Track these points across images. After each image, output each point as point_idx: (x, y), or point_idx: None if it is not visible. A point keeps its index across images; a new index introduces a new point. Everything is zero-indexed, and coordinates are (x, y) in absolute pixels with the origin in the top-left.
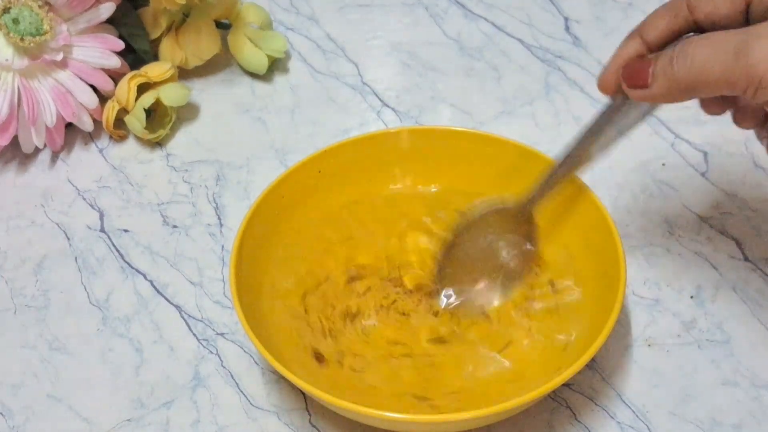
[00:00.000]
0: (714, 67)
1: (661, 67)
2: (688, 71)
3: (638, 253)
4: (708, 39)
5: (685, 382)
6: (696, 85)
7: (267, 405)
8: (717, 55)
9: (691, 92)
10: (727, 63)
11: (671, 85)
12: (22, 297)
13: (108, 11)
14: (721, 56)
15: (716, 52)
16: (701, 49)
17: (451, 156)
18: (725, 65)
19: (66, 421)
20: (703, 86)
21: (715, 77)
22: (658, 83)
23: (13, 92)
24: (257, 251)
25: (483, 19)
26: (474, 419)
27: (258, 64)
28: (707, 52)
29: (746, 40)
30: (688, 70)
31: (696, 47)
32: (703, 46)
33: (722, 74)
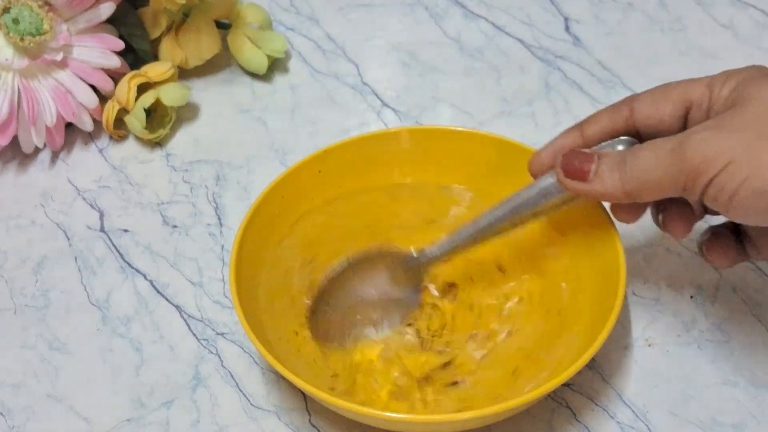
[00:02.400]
0: (655, 168)
1: (605, 166)
2: (632, 175)
3: (638, 253)
4: (649, 144)
5: (685, 382)
6: (640, 188)
7: (267, 405)
8: (657, 156)
9: (634, 196)
10: (666, 161)
11: (615, 186)
12: (22, 297)
13: (108, 11)
14: (661, 157)
15: (656, 154)
16: (645, 153)
17: (451, 156)
18: (665, 164)
19: (66, 421)
20: (646, 189)
21: (657, 177)
22: (600, 180)
23: (13, 92)
24: (257, 251)
25: (483, 19)
26: (474, 419)
27: (258, 64)
28: (648, 155)
29: (681, 139)
30: (632, 175)
31: (640, 151)
32: (646, 151)
33: (663, 173)
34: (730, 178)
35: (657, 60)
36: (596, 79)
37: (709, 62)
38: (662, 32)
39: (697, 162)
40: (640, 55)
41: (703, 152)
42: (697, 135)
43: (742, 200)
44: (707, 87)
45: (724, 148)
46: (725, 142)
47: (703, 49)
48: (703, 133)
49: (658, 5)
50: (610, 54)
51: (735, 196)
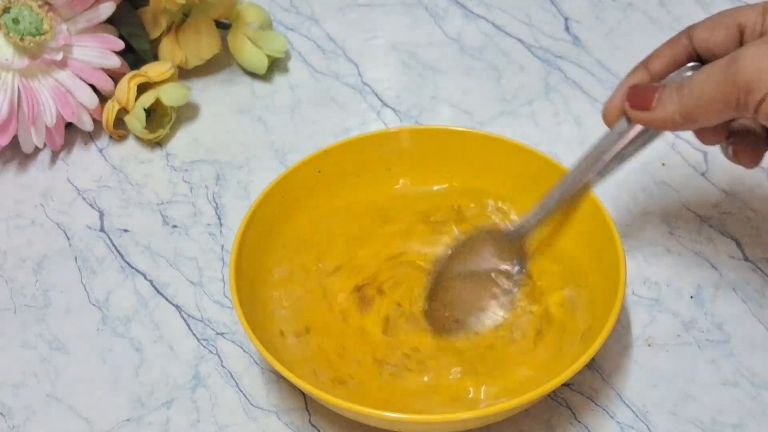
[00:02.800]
0: (709, 85)
1: (666, 93)
2: (689, 97)
3: (638, 253)
4: (705, 66)
5: (685, 382)
6: (696, 109)
7: (267, 405)
8: (710, 74)
9: (691, 120)
10: (719, 78)
11: (674, 110)
12: (22, 297)
13: (108, 11)
14: (714, 74)
15: (710, 72)
16: (699, 75)
17: (451, 156)
18: (717, 81)
19: (66, 421)
20: (701, 110)
21: (711, 96)
22: (662, 107)
23: (13, 92)
24: (257, 251)
25: (483, 19)
26: (474, 419)
27: (258, 63)
28: (704, 76)
29: (733, 55)
30: (689, 96)
31: (697, 74)
32: (700, 72)
33: (717, 91)
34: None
35: None
36: (596, 79)
37: None
38: (662, 32)
39: (750, 76)
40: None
41: (756, 66)
42: (750, 49)
43: None
44: (761, 10)
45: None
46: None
47: None
48: (756, 48)
49: (658, 5)
50: (610, 54)
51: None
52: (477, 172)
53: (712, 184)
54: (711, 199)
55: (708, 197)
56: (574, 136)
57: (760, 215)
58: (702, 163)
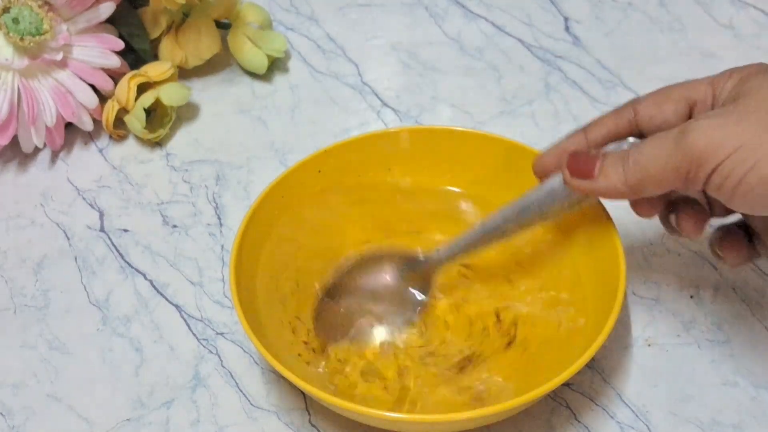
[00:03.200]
0: (659, 158)
1: (610, 162)
2: (636, 168)
3: (638, 253)
4: (654, 136)
5: (685, 382)
6: (643, 181)
7: (267, 405)
8: (661, 147)
9: (638, 190)
10: (669, 149)
11: (618, 181)
12: (22, 297)
13: (108, 11)
14: (665, 146)
15: (661, 144)
16: (648, 145)
17: (451, 156)
18: (668, 153)
19: (66, 421)
20: (649, 181)
21: (660, 168)
22: (605, 177)
23: (13, 92)
24: (257, 251)
25: (483, 19)
26: (474, 419)
27: (258, 63)
28: (653, 146)
29: (685, 127)
30: (636, 167)
31: (643, 144)
32: (649, 143)
33: (667, 163)
34: (737, 165)
35: (657, 60)
36: (596, 79)
37: (709, 62)
38: (662, 32)
39: (702, 148)
40: (640, 55)
41: (708, 138)
42: (702, 122)
43: (749, 188)
44: (710, 85)
45: (729, 135)
46: (731, 129)
47: (703, 49)
48: (708, 120)
49: (658, 5)
50: (610, 54)
51: (741, 184)
52: (477, 172)
53: None
54: None
55: None
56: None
57: None
58: None
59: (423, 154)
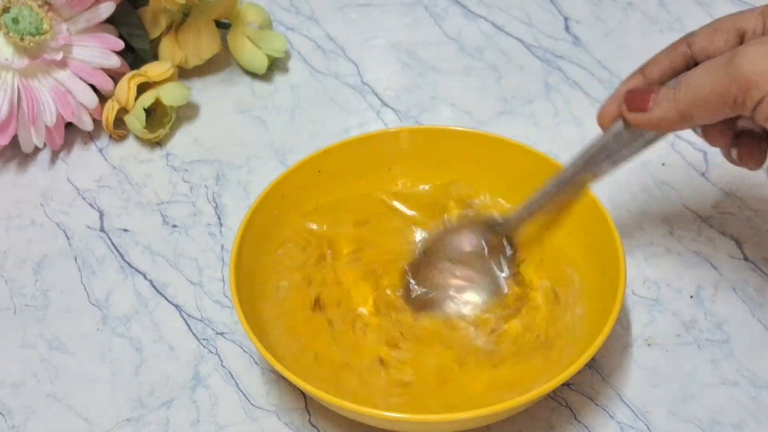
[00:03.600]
0: (707, 83)
1: (663, 94)
2: (686, 93)
3: (638, 253)
4: (703, 63)
5: (685, 382)
6: (692, 107)
7: (266, 404)
8: (710, 71)
9: (687, 117)
10: (718, 74)
11: (670, 108)
12: (21, 297)
13: (108, 11)
14: (713, 70)
15: (709, 69)
16: (697, 71)
17: (450, 156)
18: (716, 77)
19: (66, 421)
20: (698, 107)
21: (709, 92)
22: (658, 106)
23: (12, 92)
24: (257, 251)
25: (483, 18)
26: (474, 419)
27: (258, 63)
28: (702, 71)
29: (733, 52)
30: (686, 93)
31: (693, 71)
32: (699, 68)
33: (714, 87)
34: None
35: None
36: (596, 78)
37: None
38: (662, 32)
39: (750, 74)
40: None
41: (757, 65)
42: (750, 48)
43: None
44: (761, 15)
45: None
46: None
47: None
48: (756, 47)
49: (658, 5)
50: (610, 54)
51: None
52: (477, 171)
53: (712, 184)
54: (711, 199)
55: (708, 197)
56: (574, 136)
57: (760, 215)
58: (702, 163)
59: (423, 154)
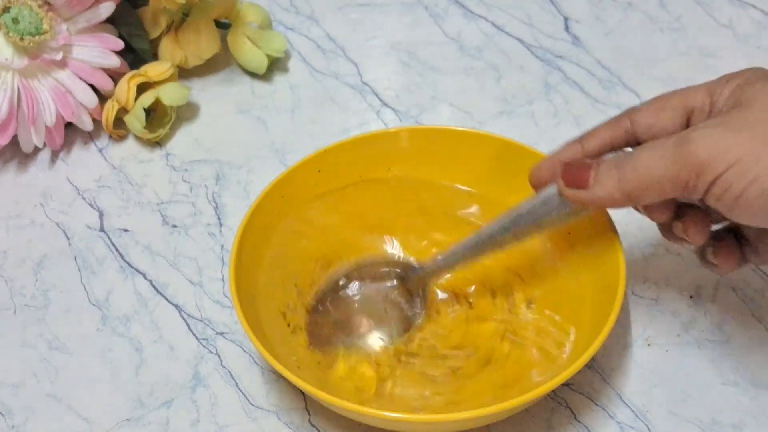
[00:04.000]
0: (657, 165)
1: (605, 170)
2: (633, 175)
3: (638, 253)
4: (652, 142)
5: (685, 382)
6: (640, 189)
7: (266, 404)
8: (659, 154)
9: (634, 198)
10: (668, 158)
11: (614, 189)
12: (21, 296)
13: (107, 11)
14: (663, 153)
15: (658, 152)
16: (645, 152)
17: (451, 155)
18: (666, 161)
19: (66, 421)
20: (646, 188)
21: (659, 175)
22: (600, 185)
23: (12, 92)
24: (257, 251)
25: (483, 18)
26: (474, 419)
27: (258, 63)
28: (650, 154)
29: (684, 135)
30: (633, 175)
31: (640, 150)
32: (647, 149)
33: (666, 171)
34: (738, 177)
35: (657, 60)
36: (596, 78)
37: (709, 62)
38: (662, 32)
39: (702, 158)
40: (640, 55)
41: (709, 148)
42: (703, 131)
43: (749, 201)
44: (707, 92)
45: (730, 146)
46: (732, 139)
47: (703, 49)
48: (709, 129)
49: (658, 5)
50: (610, 54)
51: (742, 197)
52: (477, 171)
53: None
54: None
55: None
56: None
57: None
58: None
59: (423, 154)
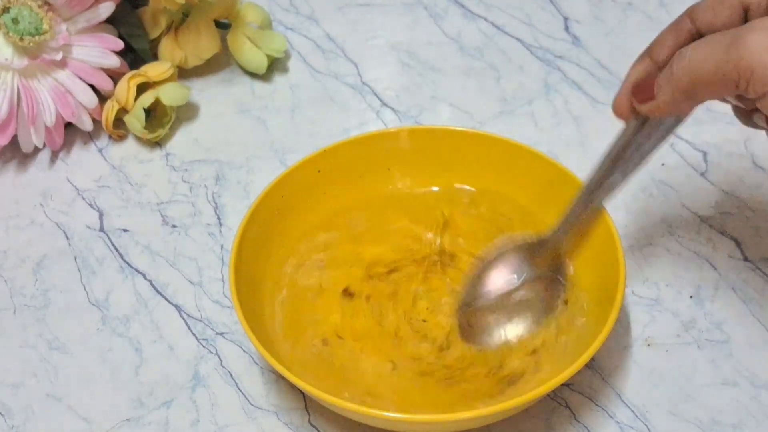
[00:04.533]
0: (708, 63)
1: (663, 75)
2: (686, 72)
3: (638, 253)
4: (704, 39)
5: (685, 382)
6: (694, 85)
7: (266, 404)
8: (711, 51)
9: (691, 95)
10: (720, 56)
11: (673, 89)
12: (21, 297)
13: (107, 11)
14: (715, 51)
15: (710, 48)
16: (697, 49)
17: (450, 156)
18: (718, 59)
19: (65, 421)
20: (700, 85)
21: (710, 73)
22: (662, 91)
23: (12, 92)
24: (257, 251)
25: (483, 18)
26: (474, 419)
27: (257, 63)
28: (702, 50)
29: (738, 34)
30: (686, 71)
31: (692, 48)
32: (698, 46)
33: (716, 69)
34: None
35: None
36: (596, 78)
37: None
38: None
39: (754, 64)
40: None
41: (760, 52)
42: (755, 34)
43: None
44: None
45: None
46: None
47: None
48: (758, 33)
49: (658, 5)
50: (609, 54)
51: None
52: (476, 172)
53: (712, 184)
54: (710, 199)
55: (707, 197)
56: (574, 136)
57: (760, 215)
58: (701, 163)
59: (423, 154)
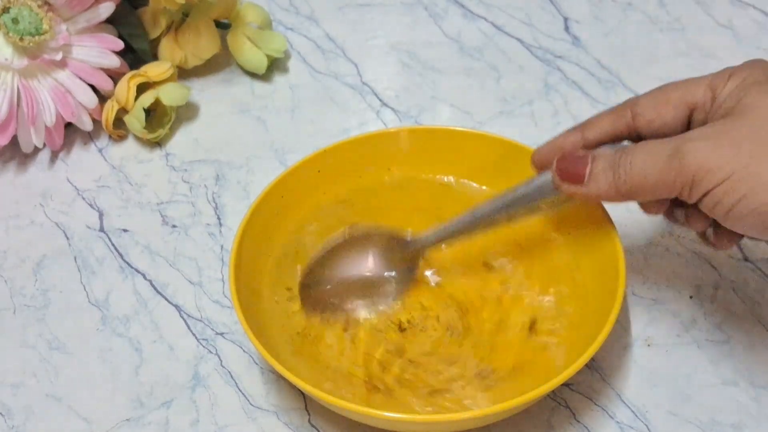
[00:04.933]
0: (651, 172)
1: (600, 169)
2: (629, 178)
3: (638, 253)
4: (645, 145)
5: (685, 382)
6: (635, 190)
7: (266, 404)
8: (653, 160)
9: (629, 197)
10: (662, 166)
11: (609, 188)
12: (21, 297)
13: (107, 11)
14: (657, 160)
15: (653, 158)
16: (640, 155)
17: (450, 155)
18: (660, 169)
19: (65, 421)
20: (641, 191)
21: (653, 180)
22: (595, 183)
23: (12, 92)
24: (257, 251)
25: (483, 19)
26: (474, 419)
27: (257, 63)
28: (644, 158)
29: (679, 144)
30: (629, 176)
31: (636, 153)
32: (640, 154)
33: (658, 178)
34: (728, 193)
35: (656, 60)
36: (596, 79)
37: (709, 62)
38: (662, 32)
39: (694, 171)
40: (639, 55)
41: (701, 162)
42: (696, 143)
43: (739, 216)
44: (709, 87)
45: (722, 162)
46: (724, 153)
47: (703, 49)
48: (702, 142)
49: (657, 5)
50: (609, 54)
51: (732, 211)
52: (477, 171)
53: None
54: None
55: None
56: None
57: None
58: None
59: (422, 154)
